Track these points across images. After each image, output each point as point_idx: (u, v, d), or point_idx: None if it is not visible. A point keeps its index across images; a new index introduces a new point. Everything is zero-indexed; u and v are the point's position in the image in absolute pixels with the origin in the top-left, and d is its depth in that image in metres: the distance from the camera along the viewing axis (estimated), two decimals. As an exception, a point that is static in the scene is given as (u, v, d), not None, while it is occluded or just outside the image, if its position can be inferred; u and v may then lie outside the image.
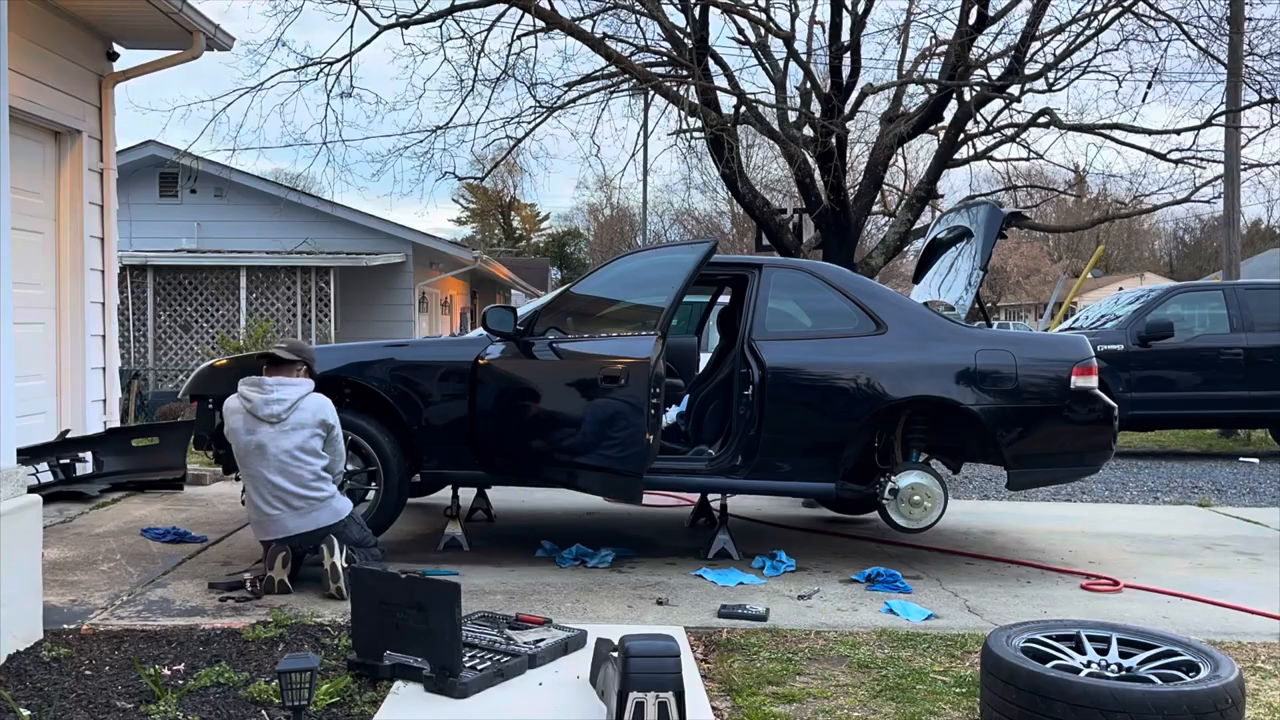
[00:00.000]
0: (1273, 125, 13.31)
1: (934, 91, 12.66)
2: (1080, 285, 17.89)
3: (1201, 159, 13.54)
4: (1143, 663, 3.06)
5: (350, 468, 5.31)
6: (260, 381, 4.76)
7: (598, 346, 5.26)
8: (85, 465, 7.10)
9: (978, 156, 14.24)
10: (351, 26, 11.72)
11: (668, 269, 5.34)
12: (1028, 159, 14.93)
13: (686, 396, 6.44)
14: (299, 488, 4.65)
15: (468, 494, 6.31)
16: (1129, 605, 4.81)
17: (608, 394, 4.99)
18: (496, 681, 3.53)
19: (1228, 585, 5.16)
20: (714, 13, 12.49)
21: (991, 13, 12.27)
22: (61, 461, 6.91)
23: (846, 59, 12.66)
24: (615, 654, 3.22)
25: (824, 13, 13.02)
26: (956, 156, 13.68)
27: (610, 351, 5.14)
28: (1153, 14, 12.14)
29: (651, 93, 13.31)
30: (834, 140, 12.40)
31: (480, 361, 5.32)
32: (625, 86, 13.35)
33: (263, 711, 3.31)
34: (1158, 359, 10.60)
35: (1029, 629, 3.21)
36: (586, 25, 12.29)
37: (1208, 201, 15.16)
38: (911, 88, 13.66)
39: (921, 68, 13.64)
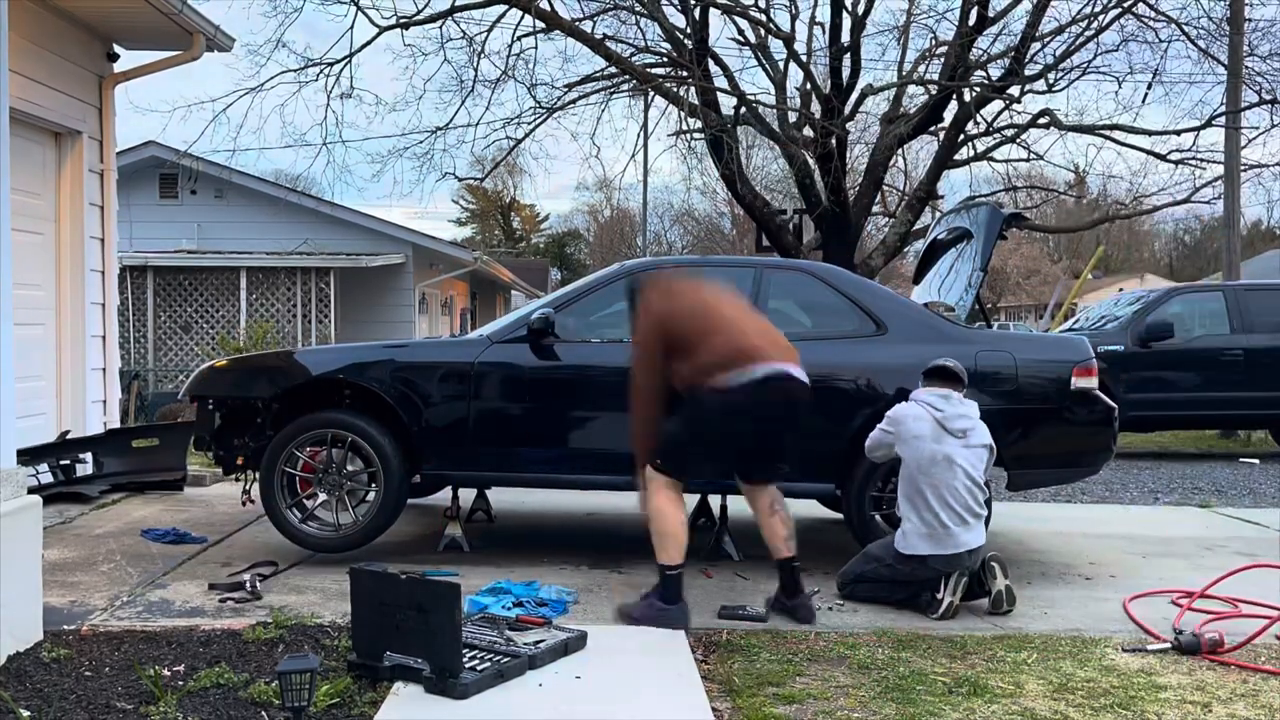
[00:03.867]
0: (1273, 126, 13.34)
1: (934, 92, 12.68)
2: (1080, 286, 17.90)
3: (1201, 160, 13.57)
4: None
5: (350, 468, 5.32)
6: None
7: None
8: (85, 466, 7.10)
9: (978, 157, 14.26)
10: (352, 27, 11.83)
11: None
12: (1028, 160, 14.97)
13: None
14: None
15: (468, 495, 6.31)
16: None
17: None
18: (497, 682, 3.53)
19: (1228, 587, 5.14)
20: (714, 14, 12.52)
21: (991, 14, 12.30)
22: (61, 462, 6.91)
23: (846, 60, 12.69)
24: None
25: (824, 14, 13.06)
26: (956, 157, 13.70)
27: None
28: (1152, 15, 12.17)
29: (651, 94, 13.34)
30: (834, 141, 12.42)
31: (480, 362, 5.33)
32: (625, 87, 13.38)
33: (263, 713, 3.31)
34: (1158, 360, 10.60)
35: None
36: (586, 26, 12.31)
37: (1208, 202, 15.19)
38: (911, 89, 13.68)
39: (921, 69, 13.66)
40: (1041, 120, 13.02)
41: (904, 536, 4.70)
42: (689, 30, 12.17)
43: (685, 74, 12.35)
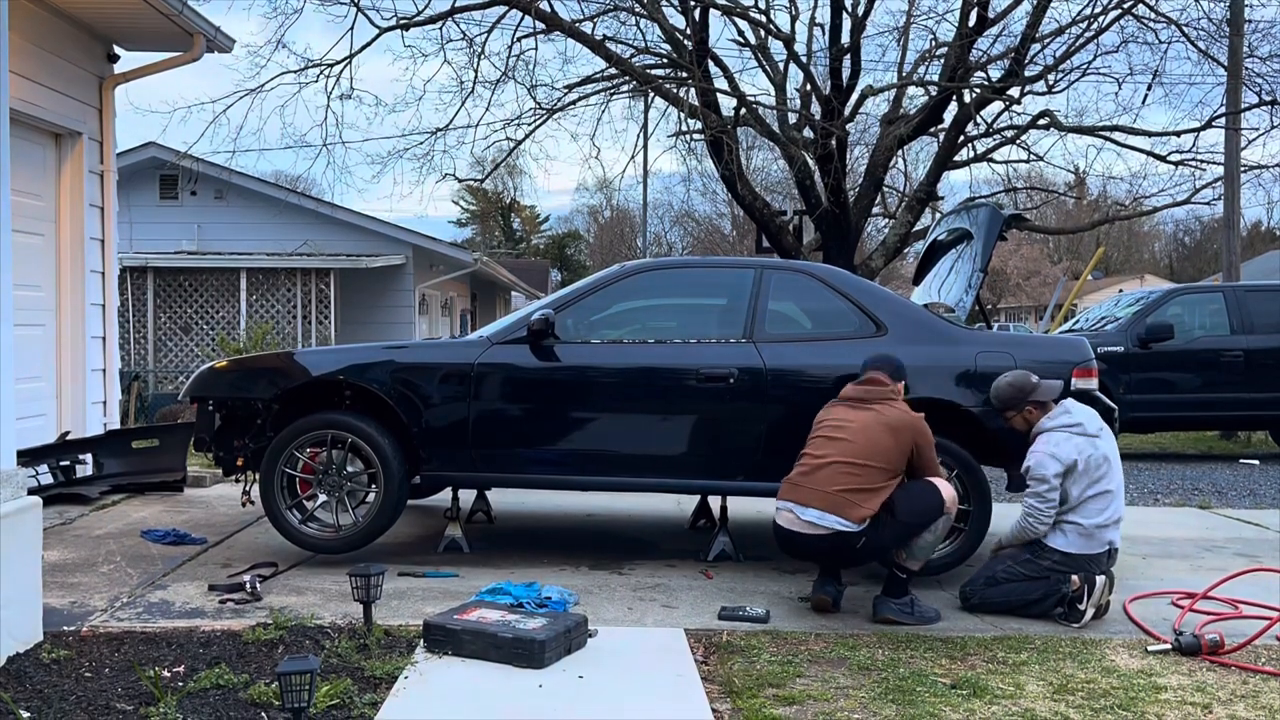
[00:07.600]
0: (1273, 127, 13.33)
1: (934, 93, 12.67)
2: (1080, 287, 17.86)
3: (1201, 161, 13.56)
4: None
5: (350, 469, 5.32)
6: None
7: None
8: (85, 467, 7.10)
9: (978, 158, 14.24)
10: (352, 28, 11.71)
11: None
12: (1028, 161, 14.95)
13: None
14: None
15: (468, 496, 6.31)
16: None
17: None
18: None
19: (1228, 588, 5.14)
20: (714, 15, 12.51)
21: (991, 15, 12.29)
22: (61, 463, 6.91)
23: (846, 61, 12.67)
24: None
25: (824, 15, 13.05)
26: (956, 158, 13.68)
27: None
28: (1152, 16, 12.16)
29: (651, 95, 13.33)
30: (834, 142, 12.41)
31: (480, 364, 5.33)
32: (625, 88, 13.36)
33: (262, 714, 3.31)
34: (1158, 361, 10.60)
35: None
36: (586, 27, 12.31)
37: (1208, 203, 15.17)
38: (911, 90, 13.67)
39: (921, 70, 13.64)
40: (1041, 121, 13.01)
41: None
42: (689, 31, 12.16)
43: (685, 75, 12.35)
